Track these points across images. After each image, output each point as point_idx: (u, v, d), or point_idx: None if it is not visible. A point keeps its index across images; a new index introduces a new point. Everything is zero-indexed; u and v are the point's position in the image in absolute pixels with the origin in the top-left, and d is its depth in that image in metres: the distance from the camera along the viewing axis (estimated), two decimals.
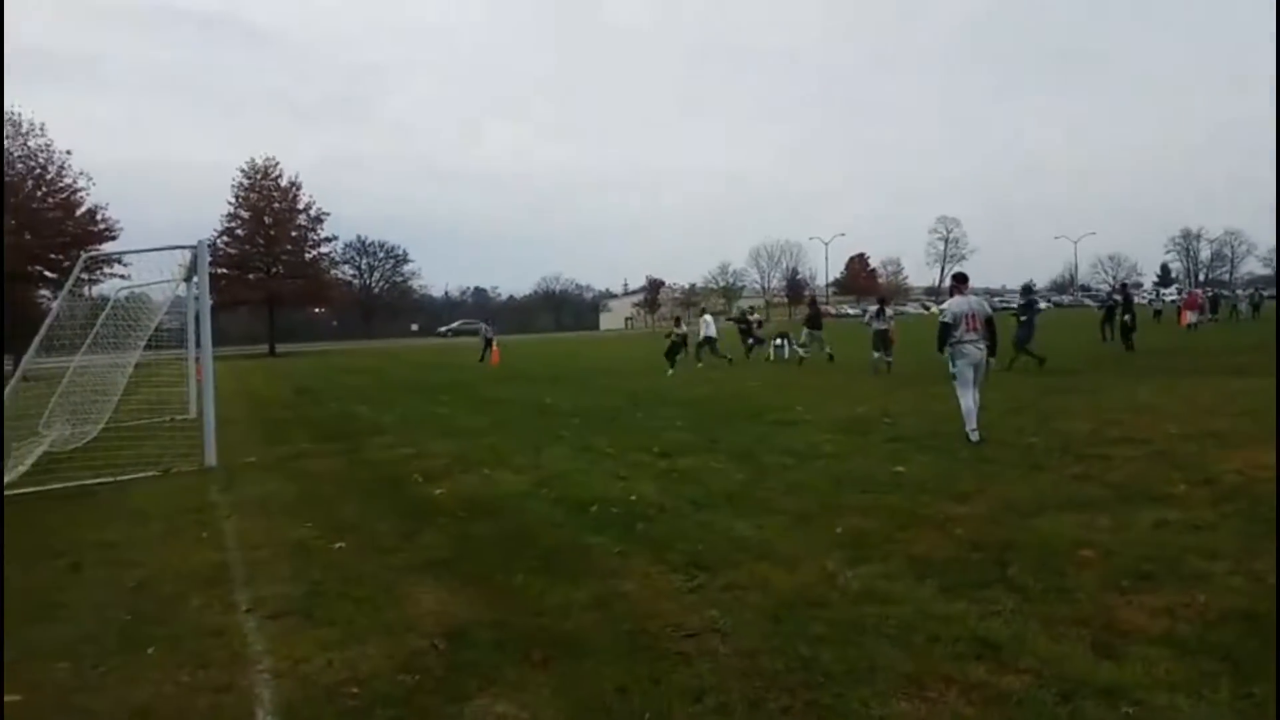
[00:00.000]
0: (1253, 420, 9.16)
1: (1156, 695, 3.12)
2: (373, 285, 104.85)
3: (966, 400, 9.01)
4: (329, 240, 63.29)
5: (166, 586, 5.23)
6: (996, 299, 73.55)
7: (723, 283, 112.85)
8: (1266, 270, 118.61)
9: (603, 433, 10.90)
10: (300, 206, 59.61)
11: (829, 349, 22.47)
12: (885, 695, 3.24)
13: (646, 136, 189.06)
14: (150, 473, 9.30)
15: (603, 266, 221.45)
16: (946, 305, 9.61)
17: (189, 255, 11.12)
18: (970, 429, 8.87)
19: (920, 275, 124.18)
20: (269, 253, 58.12)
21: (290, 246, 59.13)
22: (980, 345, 9.05)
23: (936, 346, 9.32)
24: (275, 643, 4.15)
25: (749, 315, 28.59)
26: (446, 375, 25.40)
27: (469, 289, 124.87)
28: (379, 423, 13.50)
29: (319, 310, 73.31)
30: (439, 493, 7.64)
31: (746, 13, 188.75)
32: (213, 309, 11.78)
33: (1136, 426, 9.21)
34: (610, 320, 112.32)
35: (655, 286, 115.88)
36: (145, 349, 11.84)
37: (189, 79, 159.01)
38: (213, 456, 9.76)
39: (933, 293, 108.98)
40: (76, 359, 11.76)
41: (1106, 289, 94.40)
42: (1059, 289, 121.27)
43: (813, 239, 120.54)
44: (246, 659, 3.99)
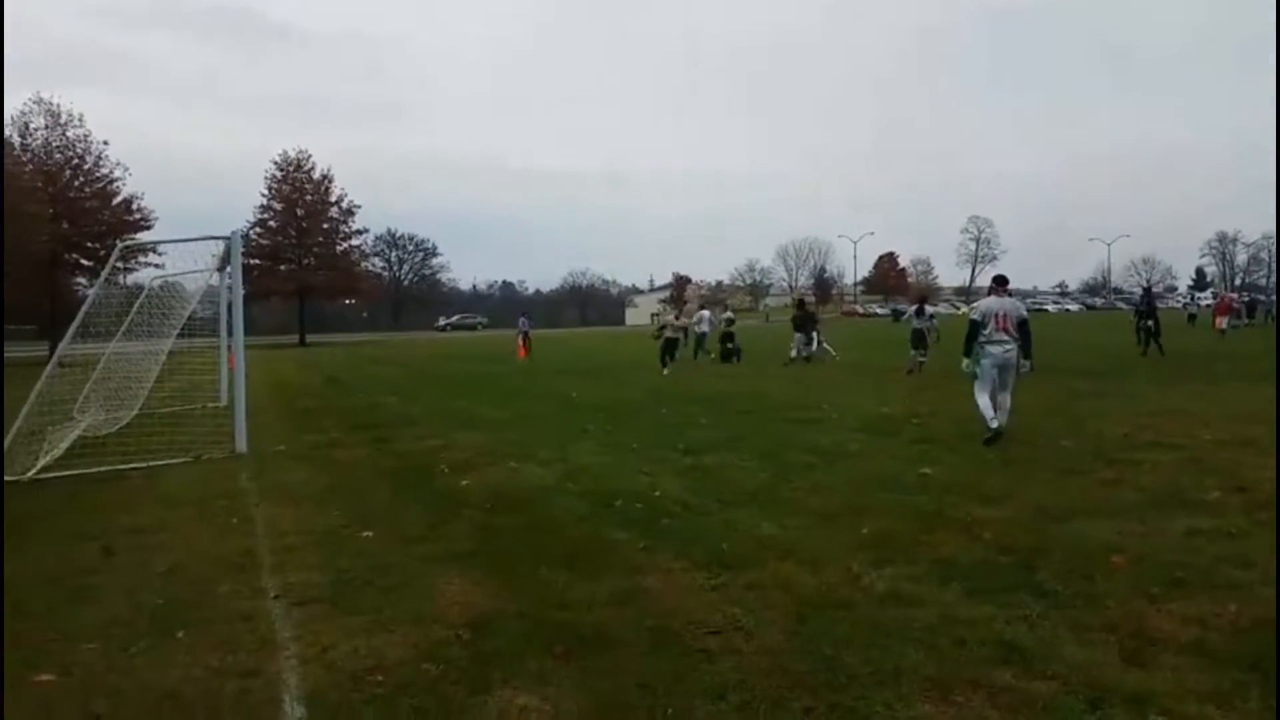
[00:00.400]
0: None
1: (1186, 704, 3.07)
2: (402, 278, 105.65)
3: (983, 399, 9.03)
4: (360, 233, 63.81)
5: (196, 571, 5.30)
6: (1029, 300, 72.81)
7: (750, 280, 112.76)
8: None
9: (627, 428, 10.91)
10: (332, 199, 60.10)
11: (805, 352, 21.86)
12: (909, 698, 3.22)
13: (676, 133, 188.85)
14: (182, 459, 9.43)
15: (630, 263, 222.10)
16: (978, 304, 9.59)
17: (223, 245, 11.25)
18: (989, 417, 8.90)
19: (950, 275, 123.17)
20: (300, 244, 58.65)
21: (322, 238, 59.61)
22: (1009, 346, 8.96)
23: (964, 345, 9.26)
24: (302, 629, 4.20)
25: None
26: (474, 367, 25.53)
27: (497, 283, 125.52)
28: (407, 413, 13.59)
29: (349, 302, 73.83)
30: (465, 484, 7.69)
31: (779, 12, 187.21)
32: (245, 299, 11.91)
33: (1170, 431, 9.08)
34: (636, 316, 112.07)
35: (681, 283, 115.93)
36: (178, 337, 12.00)
37: (225, 74, 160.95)
38: (243, 444, 9.88)
39: (963, 293, 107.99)
40: (111, 346, 11.94)
41: (1140, 291, 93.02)
42: (1092, 291, 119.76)
43: (841, 237, 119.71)
44: (274, 644, 4.04)
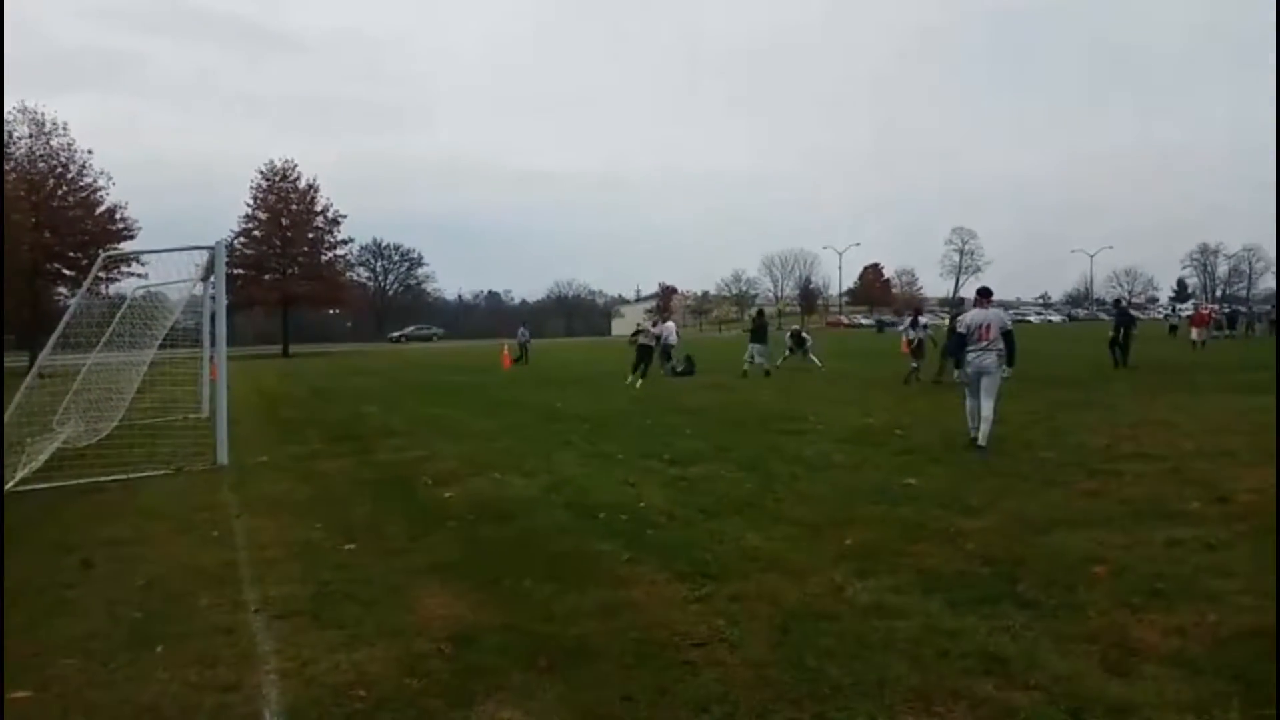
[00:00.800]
0: (1268, 438, 9.06)
1: (1167, 715, 3.09)
2: (387, 288, 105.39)
3: (969, 403, 9.48)
4: (345, 242, 63.56)
5: (176, 584, 5.25)
6: (1012, 311, 73.29)
7: (735, 291, 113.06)
8: None
9: (612, 438, 10.90)
10: (317, 208, 59.90)
11: (765, 363, 21.38)
12: (892, 710, 3.22)
13: (662, 144, 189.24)
14: (162, 471, 9.36)
15: (616, 273, 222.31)
16: (963, 316, 9.96)
17: (206, 255, 11.19)
18: (971, 427, 9.33)
19: (935, 286, 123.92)
20: (285, 254, 58.37)
21: (307, 248, 59.37)
22: (987, 354, 9.22)
23: (952, 355, 9.57)
24: (283, 643, 4.16)
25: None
26: (459, 378, 25.46)
27: (482, 292, 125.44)
28: (390, 424, 13.54)
29: (334, 312, 73.60)
30: (448, 496, 7.66)
31: (762, 21, 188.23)
32: (228, 309, 11.84)
33: (1150, 442, 9.15)
34: (622, 326, 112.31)
35: (667, 293, 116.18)
36: (160, 347, 11.93)
37: (212, 79, 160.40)
38: (225, 455, 9.81)
39: (947, 304, 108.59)
40: (92, 356, 11.85)
41: (1123, 304, 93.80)
42: (1074, 302, 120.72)
43: (826, 248, 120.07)
44: (254, 659, 4.00)
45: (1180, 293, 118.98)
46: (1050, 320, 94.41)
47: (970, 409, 9.44)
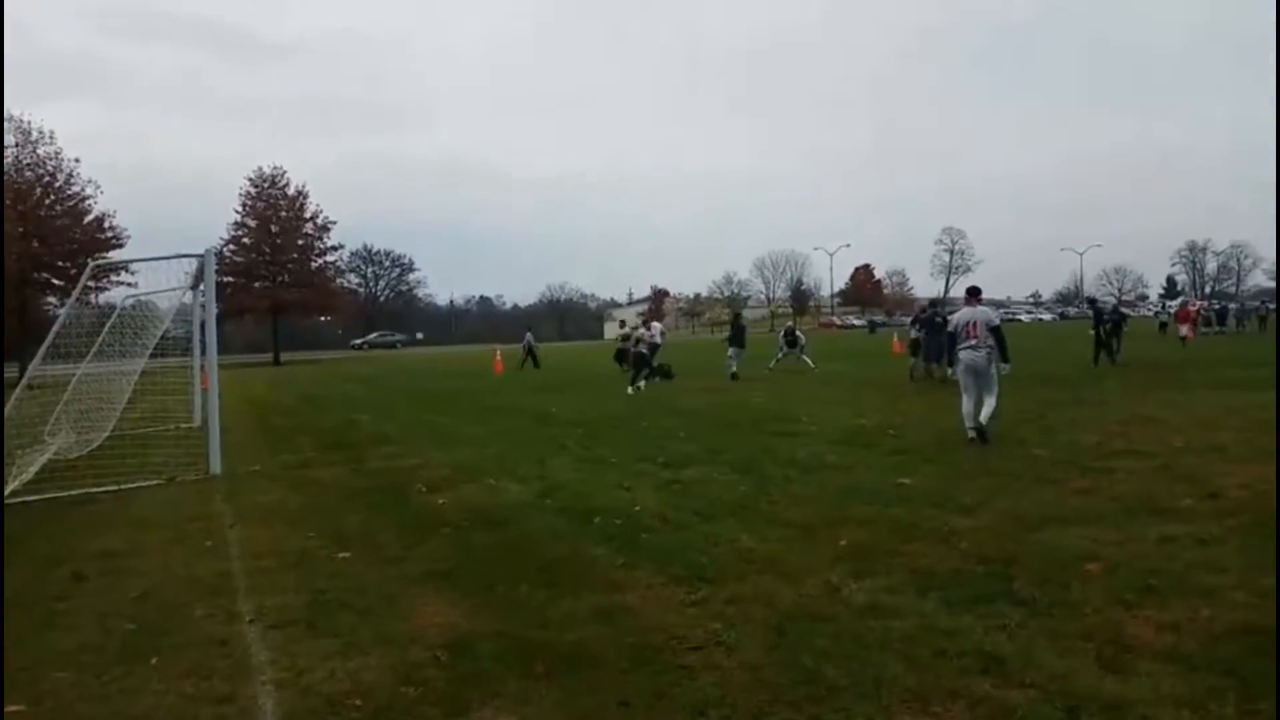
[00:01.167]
0: (1258, 434, 9.13)
1: (1162, 711, 3.10)
2: (378, 294, 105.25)
3: (965, 402, 9.68)
4: (335, 249, 63.52)
5: (170, 595, 5.23)
6: (1002, 310, 73.59)
7: (727, 292, 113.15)
8: (1272, 283, 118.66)
9: (606, 442, 10.89)
10: (307, 215, 59.78)
11: (734, 366, 21.07)
12: (890, 710, 3.23)
13: (659, 145, 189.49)
14: (154, 481, 9.32)
15: (608, 276, 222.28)
16: (954, 315, 10.41)
17: (196, 264, 11.15)
18: (967, 426, 9.52)
19: (926, 286, 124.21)
20: (275, 261, 58.23)
21: (296, 255, 59.22)
22: (977, 351, 9.62)
23: (947, 354, 9.73)
24: (278, 653, 4.15)
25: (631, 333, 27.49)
26: (450, 384, 25.42)
27: (474, 297, 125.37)
28: (383, 432, 13.50)
29: (324, 319, 73.39)
30: (442, 502, 7.64)
31: (762, 21, 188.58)
32: (218, 317, 11.80)
33: (1142, 439, 9.18)
34: (615, 329, 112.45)
35: (660, 296, 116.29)
36: (151, 357, 11.88)
37: (203, 86, 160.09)
38: (217, 465, 9.77)
39: (937, 304, 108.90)
40: (83, 366, 11.81)
41: (1112, 302, 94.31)
42: (1065, 300, 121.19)
43: (817, 249, 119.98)
44: (249, 669, 3.98)
45: (1170, 290, 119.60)
46: (1041, 319, 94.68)
47: (966, 408, 9.64)
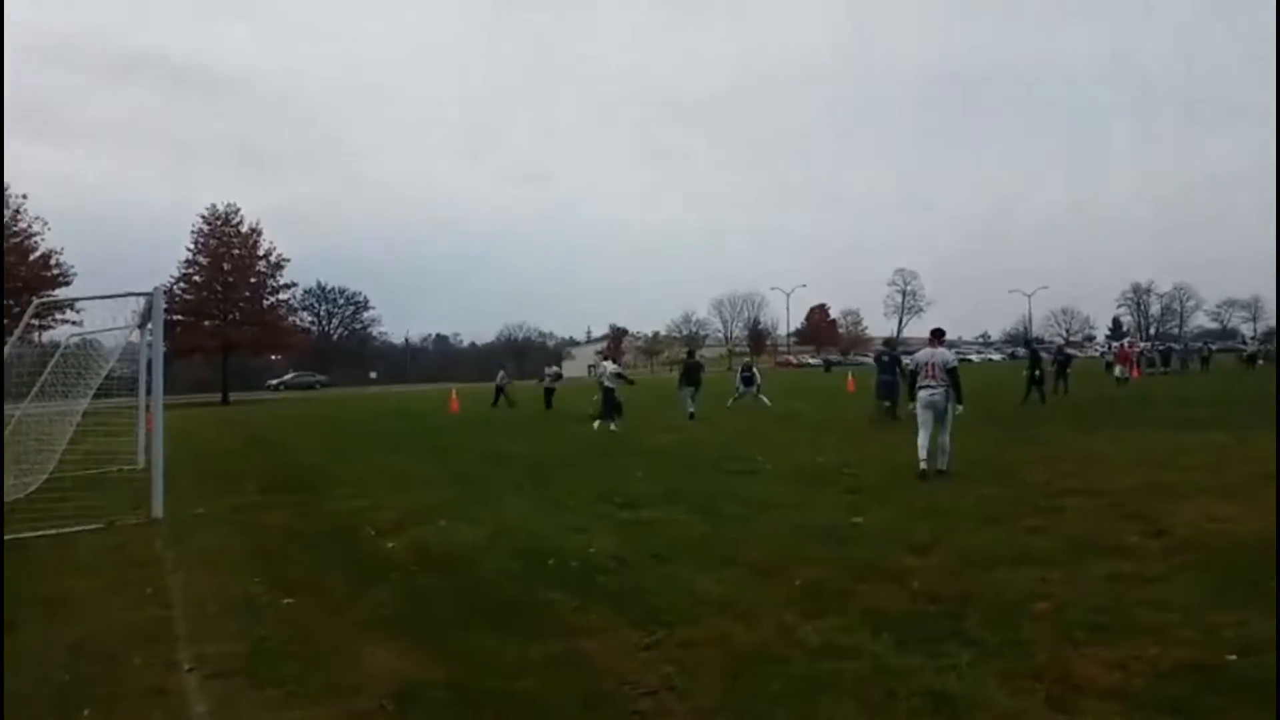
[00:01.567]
0: (1203, 473, 9.35)
1: None
2: (331, 332, 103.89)
3: (920, 435, 10.07)
4: (288, 287, 62.52)
5: (106, 644, 5.04)
6: (954, 350, 74.83)
7: (686, 331, 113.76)
8: (1214, 324, 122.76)
9: (563, 483, 10.80)
10: (260, 252, 59.00)
11: (692, 407, 20.91)
12: None
13: (610, 185, 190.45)
14: (94, 525, 9.01)
15: (566, 314, 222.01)
16: (915, 355, 10.99)
17: (143, 302, 10.93)
18: (921, 459, 9.93)
19: (879, 326, 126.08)
20: (226, 299, 57.26)
21: (248, 293, 58.30)
22: (934, 390, 10.08)
23: (908, 391, 10.54)
24: (218, 703, 4.01)
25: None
26: (404, 424, 25.10)
27: (430, 336, 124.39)
28: (332, 473, 13.26)
29: (276, 358, 72.15)
30: (392, 546, 7.49)
31: (707, 66, 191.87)
32: (166, 356, 11.56)
33: (1091, 478, 9.35)
34: (573, 368, 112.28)
35: (618, 335, 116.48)
36: (95, 397, 11.57)
37: (148, 125, 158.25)
38: (160, 508, 9.49)
39: (890, 343, 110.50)
40: (23, 406, 11.46)
41: (1059, 341, 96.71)
42: (1014, 341, 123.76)
43: (774, 289, 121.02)
44: None
45: (1116, 330, 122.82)
46: (991, 359, 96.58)
47: (921, 441, 10.01)
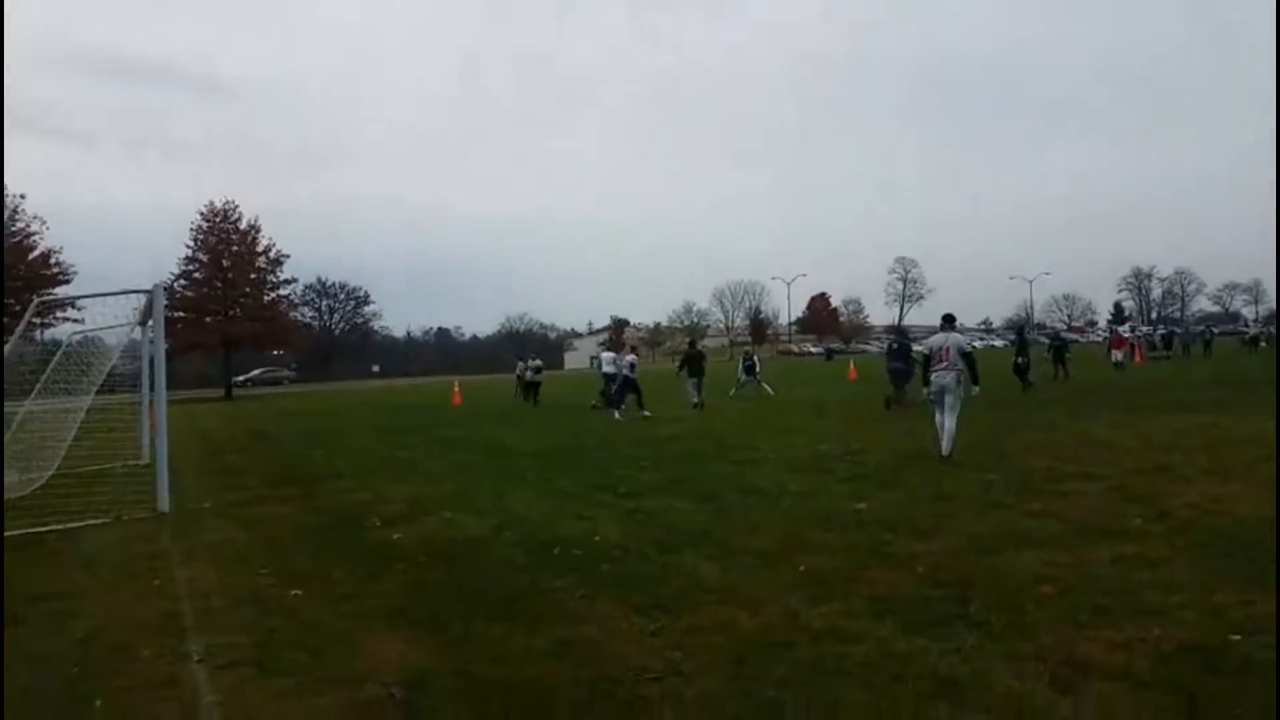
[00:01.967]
0: (1205, 455, 9.37)
1: None
2: (333, 327, 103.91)
3: (937, 418, 10.41)
4: (288, 282, 62.46)
5: (115, 637, 5.06)
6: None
7: (687, 322, 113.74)
8: (1215, 308, 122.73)
9: (566, 473, 10.83)
10: (259, 249, 58.95)
11: (696, 396, 20.98)
12: None
13: (610, 176, 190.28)
14: (101, 520, 9.05)
15: (568, 306, 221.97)
16: (928, 340, 11.47)
17: (144, 299, 10.95)
18: (937, 441, 10.27)
19: (881, 314, 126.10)
20: (226, 296, 57.22)
21: (249, 289, 58.24)
22: (947, 375, 10.36)
23: (922, 376, 10.77)
24: (227, 694, 4.04)
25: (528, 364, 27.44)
26: (407, 418, 25.13)
27: (432, 329, 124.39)
28: (336, 466, 13.29)
29: (278, 353, 72.21)
30: (398, 537, 7.52)
31: (707, 58, 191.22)
32: (168, 353, 11.59)
33: (1093, 462, 9.37)
34: (575, 359, 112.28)
35: (620, 326, 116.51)
36: (98, 393, 11.60)
37: (149, 127, 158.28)
38: (166, 502, 9.53)
39: (893, 331, 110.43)
40: (26, 404, 11.49)
41: (1062, 326, 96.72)
42: (1014, 328, 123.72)
43: (775, 279, 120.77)
44: (197, 711, 3.88)
45: (1117, 315, 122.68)
46: (993, 345, 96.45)
47: (938, 423, 10.36)
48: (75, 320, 28.19)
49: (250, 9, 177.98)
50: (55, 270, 45.50)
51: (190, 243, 56.66)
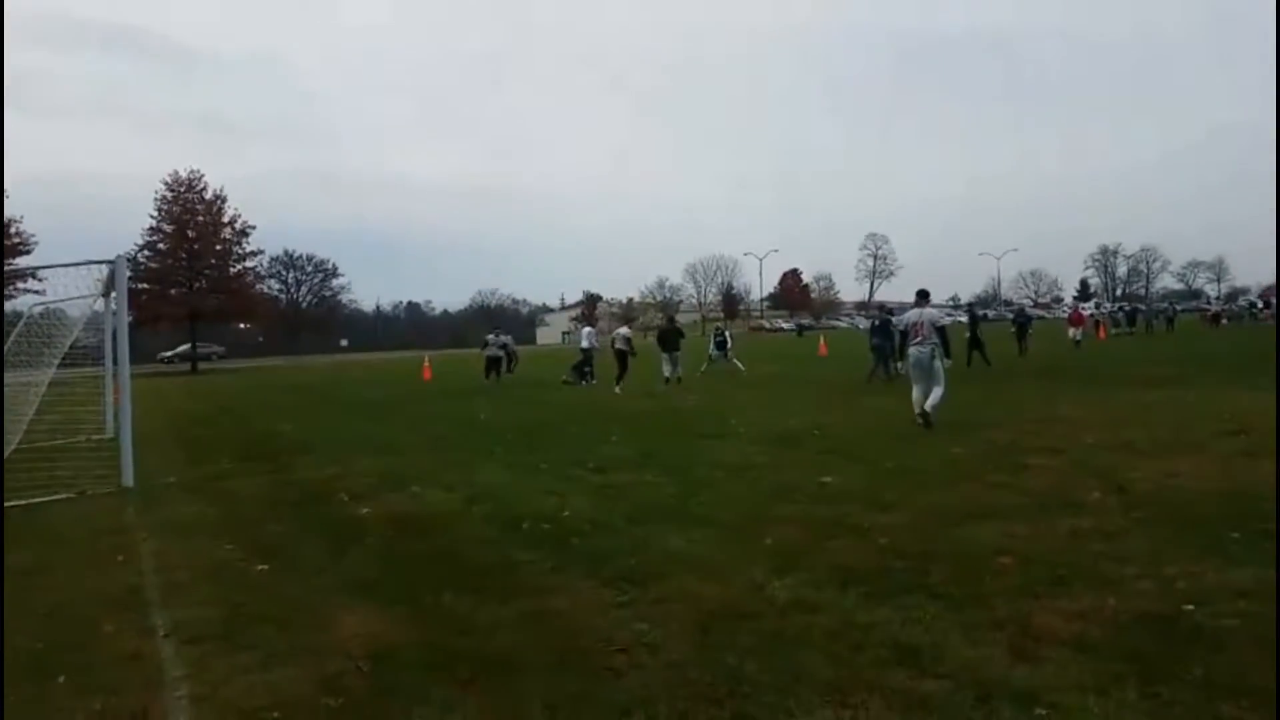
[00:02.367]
0: (1164, 430, 9.56)
1: (1069, 697, 3.21)
2: (300, 300, 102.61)
3: (915, 391, 10.91)
4: (255, 254, 61.58)
5: (79, 611, 5.03)
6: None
7: (660, 297, 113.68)
8: (1179, 285, 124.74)
9: (537, 448, 10.85)
10: (225, 220, 58.05)
11: (675, 372, 20.63)
12: (809, 704, 3.29)
13: (584, 152, 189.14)
14: (64, 495, 8.94)
15: (539, 281, 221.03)
16: (903, 315, 12.01)
17: (106, 270, 10.76)
18: (916, 412, 10.69)
19: (851, 290, 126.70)
20: (192, 267, 56.35)
21: (214, 261, 57.39)
22: (922, 348, 10.82)
23: (898, 350, 11.38)
24: (193, 667, 4.03)
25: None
26: (376, 392, 24.98)
27: (402, 303, 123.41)
28: (305, 441, 13.20)
29: (244, 326, 71.37)
30: (366, 512, 7.51)
31: (679, 36, 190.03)
32: (132, 325, 11.42)
33: (1054, 436, 9.52)
34: (547, 335, 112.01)
35: (592, 301, 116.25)
36: (61, 366, 11.42)
37: (113, 96, 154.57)
38: (130, 477, 9.42)
39: (863, 307, 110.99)
40: None
41: (1028, 303, 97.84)
42: (983, 304, 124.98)
43: (747, 254, 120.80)
44: (163, 684, 3.87)
45: (1083, 292, 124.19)
46: (961, 321, 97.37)
47: (916, 397, 10.84)
48: (36, 292, 27.68)
49: None
50: (16, 240, 44.56)
51: (154, 213, 55.68)
